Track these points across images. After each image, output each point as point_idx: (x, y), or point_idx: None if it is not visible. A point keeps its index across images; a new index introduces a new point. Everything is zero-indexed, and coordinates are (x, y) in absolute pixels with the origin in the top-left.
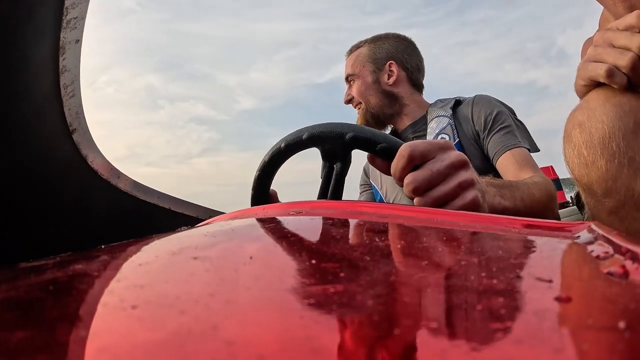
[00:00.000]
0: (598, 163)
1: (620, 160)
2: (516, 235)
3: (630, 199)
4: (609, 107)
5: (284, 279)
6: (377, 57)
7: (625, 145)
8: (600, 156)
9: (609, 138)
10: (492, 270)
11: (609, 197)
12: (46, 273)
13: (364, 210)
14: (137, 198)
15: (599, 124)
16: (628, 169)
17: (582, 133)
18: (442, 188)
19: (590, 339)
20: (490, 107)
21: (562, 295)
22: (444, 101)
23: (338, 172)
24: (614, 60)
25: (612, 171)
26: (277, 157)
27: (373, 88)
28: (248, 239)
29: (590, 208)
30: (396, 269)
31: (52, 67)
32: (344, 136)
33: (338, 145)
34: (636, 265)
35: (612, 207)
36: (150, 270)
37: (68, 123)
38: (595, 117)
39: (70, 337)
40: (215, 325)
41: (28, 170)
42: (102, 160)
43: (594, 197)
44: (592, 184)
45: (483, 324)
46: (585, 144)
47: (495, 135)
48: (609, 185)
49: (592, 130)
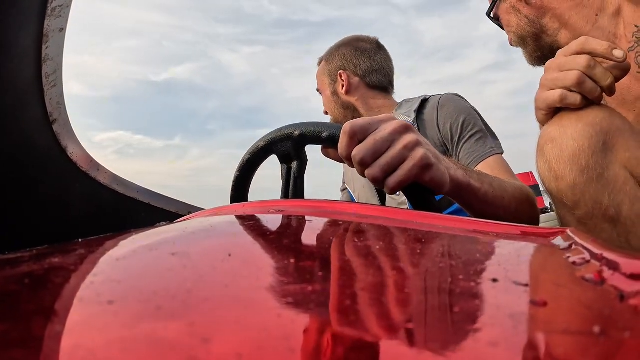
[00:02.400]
0: (568, 177)
1: (589, 175)
2: (493, 239)
3: (598, 211)
4: (580, 125)
5: (262, 277)
6: (330, 70)
7: (594, 162)
8: (570, 171)
9: (578, 154)
10: (469, 273)
11: (577, 209)
12: (22, 266)
13: (344, 210)
14: (116, 192)
15: (570, 140)
16: (596, 184)
17: (553, 148)
18: (388, 154)
19: (565, 342)
20: (456, 112)
21: (537, 299)
22: (410, 101)
23: (296, 170)
24: (564, 83)
25: (581, 185)
26: (255, 158)
27: (333, 100)
28: (227, 236)
29: (560, 218)
30: (373, 270)
31: (35, 55)
32: (292, 135)
33: (289, 145)
34: (611, 271)
35: (581, 218)
36: (128, 265)
37: (49, 113)
38: (566, 134)
39: (45, 332)
40: (192, 322)
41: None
42: (82, 152)
43: (564, 208)
44: (562, 196)
45: (458, 326)
46: (556, 158)
47: (466, 144)
48: (578, 198)
49: (563, 146)
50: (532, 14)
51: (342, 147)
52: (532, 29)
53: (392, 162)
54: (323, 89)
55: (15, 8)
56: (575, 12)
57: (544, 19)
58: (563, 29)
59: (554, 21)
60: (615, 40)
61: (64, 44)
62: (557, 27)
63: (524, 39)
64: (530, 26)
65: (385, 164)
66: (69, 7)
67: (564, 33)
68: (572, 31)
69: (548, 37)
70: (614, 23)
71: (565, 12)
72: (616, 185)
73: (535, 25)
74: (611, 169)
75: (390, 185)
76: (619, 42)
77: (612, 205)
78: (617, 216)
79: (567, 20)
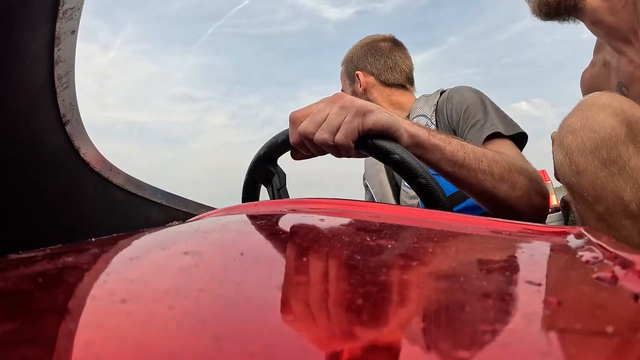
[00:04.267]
0: (589, 170)
1: (610, 168)
2: (507, 237)
3: (619, 206)
4: (602, 116)
5: (274, 276)
6: (349, 71)
7: (616, 155)
8: (591, 164)
9: (600, 147)
10: (482, 272)
11: (598, 204)
12: (36, 265)
13: (356, 209)
14: (129, 191)
15: (592, 132)
16: (618, 178)
17: (574, 140)
18: (328, 117)
19: (578, 342)
20: (460, 103)
21: (550, 298)
22: (428, 96)
23: (277, 184)
24: None
25: (602, 179)
26: None
27: None
28: (239, 235)
29: (580, 214)
30: (387, 269)
31: (47, 57)
32: (261, 157)
33: (264, 168)
34: (625, 271)
35: (601, 214)
36: (141, 264)
37: (61, 114)
38: (588, 125)
39: (59, 330)
40: (204, 320)
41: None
42: (95, 153)
43: (584, 204)
44: (582, 190)
45: (472, 326)
46: (578, 150)
47: (468, 134)
48: (599, 192)
49: (585, 138)
50: None
51: (291, 137)
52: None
53: (333, 121)
54: (345, 90)
55: (26, 11)
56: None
57: None
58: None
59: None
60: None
61: (75, 46)
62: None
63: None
64: None
65: (328, 125)
66: (80, 9)
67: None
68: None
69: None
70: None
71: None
72: (638, 178)
73: None
74: (633, 161)
75: (339, 141)
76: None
77: (634, 200)
78: (638, 212)
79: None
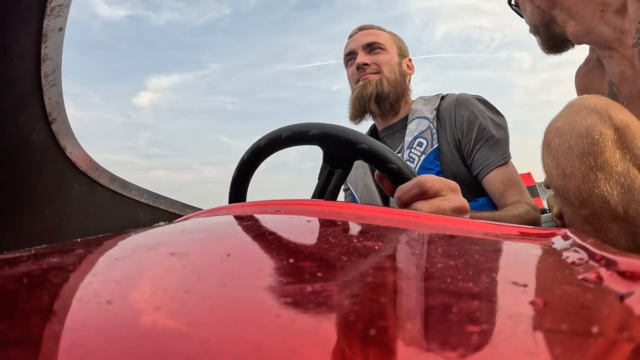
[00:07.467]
0: (576, 175)
1: (597, 174)
2: (492, 239)
3: (605, 210)
4: (589, 120)
5: (260, 277)
6: (400, 47)
7: (603, 161)
8: (578, 169)
9: (587, 152)
10: (468, 273)
11: (584, 208)
12: (20, 265)
13: (343, 210)
14: (115, 191)
15: (579, 137)
16: (605, 183)
17: (562, 144)
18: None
19: (564, 342)
20: (473, 115)
21: (536, 299)
22: (427, 99)
23: (338, 178)
24: None
25: (589, 184)
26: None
27: (396, 67)
28: (225, 236)
29: (566, 217)
30: (373, 270)
31: (34, 54)
32: (355, 145)
33: (345, 152)
34: (610, 272)
35: (588, 217)
36: (127, 265)
37: (47, 112)
38: (575, 130)
39: (44, 331)
40: (191, 322)
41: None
42: (81, 152)
43: (571, 207)
44: (569, 194)
45: (457, 327)
46: (565, 155)
47: (482, 149)
48: (585, 197)
49: (572, 142)
50: (543, 4)
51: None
52: (543, 19)
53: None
54: (391, 52)
55: (14, 8)
56: (581, 6)
57: (554, 10)
58: (571, 21)
59: (562, 13)
60: (621, 36)
61: (62, 44)
62: (565, 19)
63: (537, 27)
64: (542, 15)
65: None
66: (68, 6)
67: (572, 25)
68: (580, 24)
69: (558, 27)
70: (620, 18)
71: (572, 6)
72: (625, 183)
73: (545, 15)
74: (620, 167)
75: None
76: (625, 37)
77: (620, 204)
78: (625, 216)
79: (574, 14)
